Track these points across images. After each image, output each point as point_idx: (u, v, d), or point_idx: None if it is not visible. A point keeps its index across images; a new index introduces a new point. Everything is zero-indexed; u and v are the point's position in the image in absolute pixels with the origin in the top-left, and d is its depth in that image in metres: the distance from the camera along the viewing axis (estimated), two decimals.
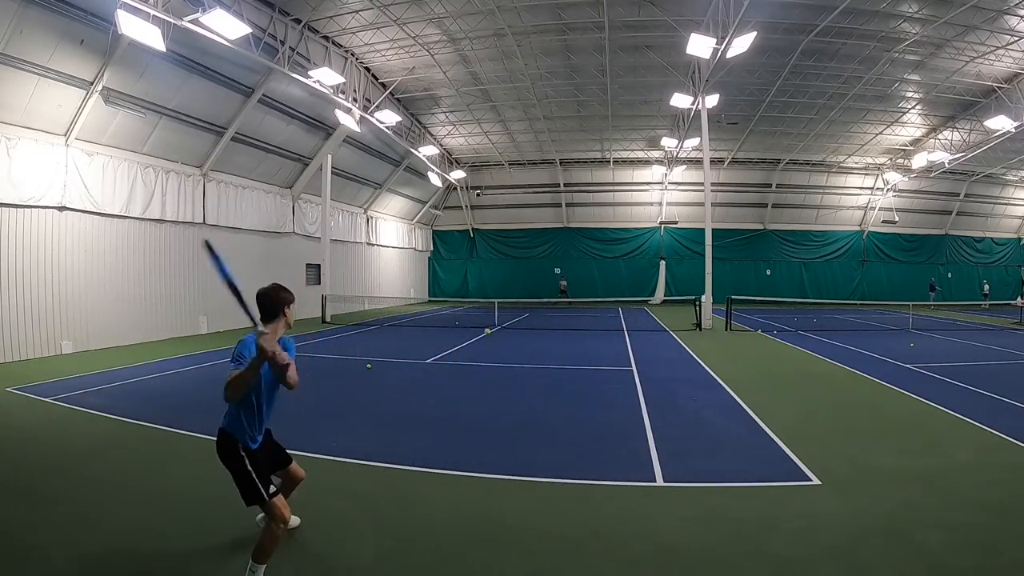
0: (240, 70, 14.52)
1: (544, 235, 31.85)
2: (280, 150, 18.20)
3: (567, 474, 4.69)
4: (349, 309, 22.87)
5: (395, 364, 10.65)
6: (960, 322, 20.00)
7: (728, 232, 28.78)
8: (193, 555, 3.35)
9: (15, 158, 10.54)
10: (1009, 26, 15.42)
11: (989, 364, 10.60)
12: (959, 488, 4.38)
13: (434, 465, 4.87)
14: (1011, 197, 30.39)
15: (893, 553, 3.35)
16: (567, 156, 28.69)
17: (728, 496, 4.29)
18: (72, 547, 3.42)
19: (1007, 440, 5.56)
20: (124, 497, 4.22)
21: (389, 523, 3.80)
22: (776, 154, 27.40)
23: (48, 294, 11.23)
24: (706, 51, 13.87)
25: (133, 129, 13.04)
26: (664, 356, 11.65)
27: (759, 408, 6.92)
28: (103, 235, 12.58)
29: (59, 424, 6.27)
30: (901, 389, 8.12)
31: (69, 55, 10.74)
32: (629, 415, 6.71)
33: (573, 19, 16.15)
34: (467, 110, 23.19)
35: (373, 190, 25.30)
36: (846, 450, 5.32)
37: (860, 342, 13.75)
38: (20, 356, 10.56)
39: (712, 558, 3.35)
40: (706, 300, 17.38)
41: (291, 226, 19.69)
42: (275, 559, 3.28)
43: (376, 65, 19.10)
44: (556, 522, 3.82)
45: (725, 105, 19.78)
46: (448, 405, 7.52)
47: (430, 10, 15.35)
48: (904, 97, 21.04)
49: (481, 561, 3.33)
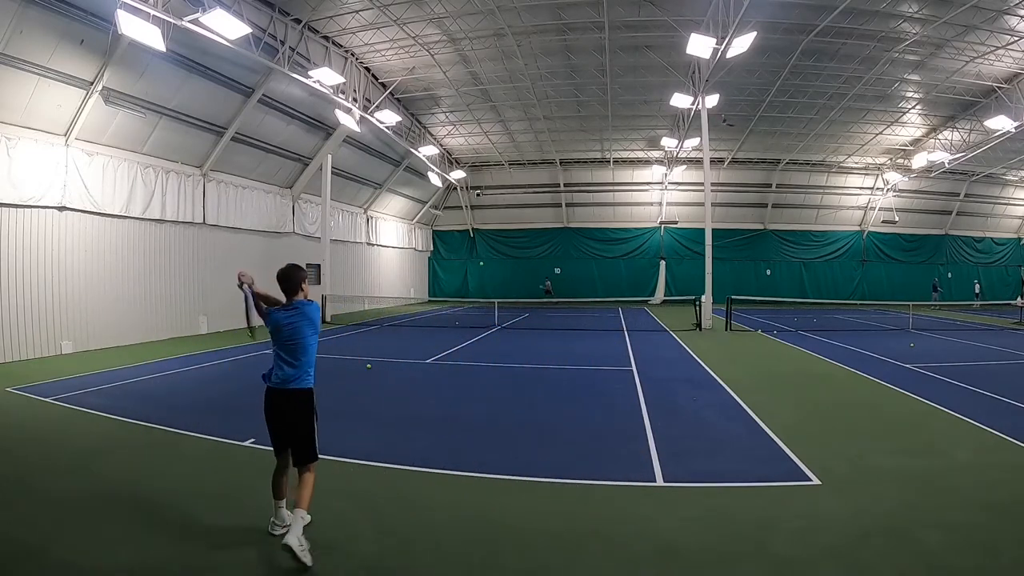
0: (240, 70, 14.52)
1: (544, 235, 31.86)
2: (280, 150, 18.20)
3: (567, 474, 4.69)
4: (349, 309, 22.87)
5: (395, 364, 10.65)
6: (960, 322, 20.00)
7: (728, 232, 28.76)
8: (194, 554, 3.34)
9: (15, 158, 10.53)
10: (1009, 26, 15.42)
11: (989, 364, 10.60)
12: (959, 488, 4.38)
13: (434, 465, 4.86)
14: (1011, 197, 30.39)
15: (893, 553, 3.35)
16: (567, 156, 28.69)
17: (728, 496, 4.28)
18: (72, 547, 3.42)
19: (1007, 440, 5.56)
20: (124, 497, 4.22)
21: (389, 523, 3.80)
22: (776, 154, 27.40)
23: (48, 294, 11.23)
24: (706, 51, 13.87)
25: (133, 129, 13.04)
26: (664, 356, 11.65)
27: (759, 408, 6.92)
28: (103, 235, 12.58)
29: (59, 424, 6.28)
30: (901, 389, 8.12)
31: (69, 55, 10.73)
32: (629, 415, 6.71)
33: (573, 19, 16.15)
34: (467, 110, 23.19)
35: (373, 190, 25.30)
36: (846, 450, 5.32)
37: (860, 342, 13.75)
38: (20, 356, 10.55)
39: (712, 558, 3.34)
40: (706, 300, 17.38)
41: (291, 226, 19.69)
42: (275, 559, 3.29)
43: (376, 65, 19.10)
44: (556, 522, 3.82)
45: (725, 105, 19.77)
46: (448, 405, 7.52)
47: (430, 10, 15.35)
48: (904, 97, 21.04)
49: (481, 561, 3.33)
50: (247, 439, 5.51)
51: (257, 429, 5.82)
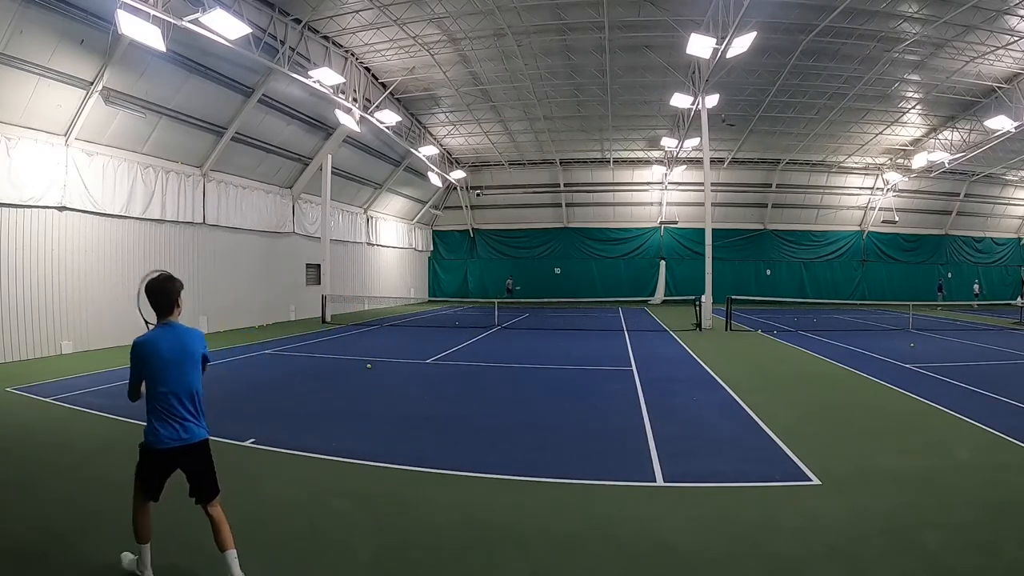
0: (240, 70, 14.51)
1: (544, 235, 31.87)
2: (280, 150, 18.20)
3: (567, 474, 4.69)
4: (349, 309, 22.89)
5: (395, 364, 10.64)
6: (960, 322, 20.00)
7: (728, 232, 28.77)
8: (194, 554, 3.34)
9: (15, 158, 10.53)
10: (1009, 26, 15.42)
11: (989, 364, 10.60)
12: (959, 488, 4.38)
13: (434, 465, 4.86)
14: (1011, 197, 30.39)
15: (893, 553, 3.35)
16: (567, 156, 28.69)
17: (728, 496, 4.28)
18: (73, 547, 3.42)
19: (1007, 440, 5.56)
20: (125, 497, 4.20)
21: (389, 523, 3.80)
22: (776, 154, 27.41)
23: (48, 294, 11.23)
24: (706, 51, 13.87)
25: (133, 129, 13.04)
26: (664, 356, 11.65)
27: (759, 408, 6.92)
28: (103, 235, 12.58)
29: (59, 424, 6.28)
30: (901, 389, 8.12)
31: (69, 55, 10.73)
32: (629, 415, 6.70)
33: (573, 19, 16.14)
34: (467, 110, 23.19)
35: (373, 190, 25.30)
36: (846, 450, 5.32)
37: (860, 342, 13.75)
38: (20, 356, 10.56)
39: (712, 558, 3.34)
40: (706, 300, 17.39)
41: (291, 226, 19.69)
42: (275, 560, 3.29)
43: (376, 65, 19.10)
44: (556, 522, 3.82)
45: (725, 105, 19.77)
46: (448, 405, 7.52)
47: (430, 10, 15.35)
48: (904, 97, 21.04)
49: (481, 561, 3.33)
50: (247, 439, 5.52)
51: (257, 429, 5.85)
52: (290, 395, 7.96)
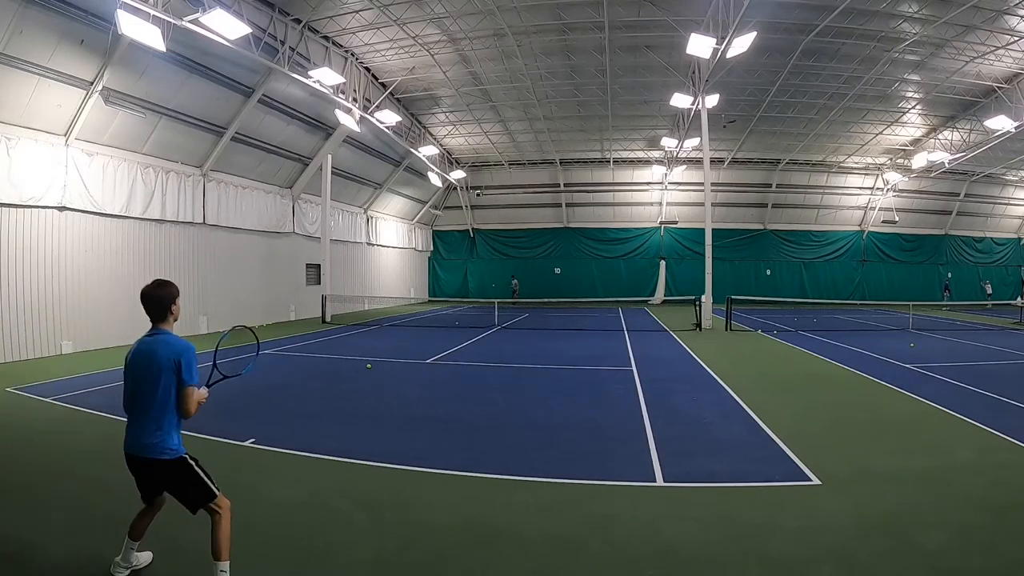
0: (240, 70, 14.52)
1: (544, 235, 31.87)
2: (280, 150, 18.20)
3: (567, 474, 4.69)
4: (349, 309, 22.87)
5: (395, 364, 10.64)
6: (960, 322, 20.00)
7: (728, 232, 28.79)
8: (194, 554, 3.34)
9: (15, 158, 10.54)
10: (1009, 26, 15.42)
11: (989, 364, 10.59)
12: (959, 488, 4.37)
13: (434, 465, 4.86)
14: (1011, 197, 30.40)
15: (893, 553, 3.35)
16: (567, 156, 28.69)
17: (728, 496, 4.28)
18: (72, 547, 3.42)
19: (1007, 440, 5.56)
20: (124, 497, 4.20)
21: (389, 523, 3.80)
22: (776, 154, 27.41)
23: (48, 294, 11.23)
24: (706, 51, 13.86)
25: (133, 129, 13.04)
26: (664, 356, 11.65)
27: (759, 408, 6.91)
28: (103, 235, 12.58)
29: (59, 424, 6.27)
30: (901, 389, 8.12)
31: (69, 55, 10.73)
32: (629, 415, 6.70)
33: (573, 19, 16.15)
34: (467, 110, 23.19)
35: (373, 190, 25.30)
36: (846, 450, 5.32)
37: (860, 342, 13.74)
38: (20, 356, 10.56)
39: (712, 558, 3.34)
40: (706, 300, 17.38)
41: (291, 226, 19.69)
42: (275, 560, 3.29)
43: (376, 65, 19.10)
44: (556, 522, 3.82)
45: (725, 105, 19.78)
46: (448, 405, 7.52)
47: (430, 10, 15.35)
48: (904, 97, 21.04)
49: (481, 561, 3.33)
50: (247, 439, 5.52)
51: (257, 429, 5.85)
52: (290, 395, 7.94)
